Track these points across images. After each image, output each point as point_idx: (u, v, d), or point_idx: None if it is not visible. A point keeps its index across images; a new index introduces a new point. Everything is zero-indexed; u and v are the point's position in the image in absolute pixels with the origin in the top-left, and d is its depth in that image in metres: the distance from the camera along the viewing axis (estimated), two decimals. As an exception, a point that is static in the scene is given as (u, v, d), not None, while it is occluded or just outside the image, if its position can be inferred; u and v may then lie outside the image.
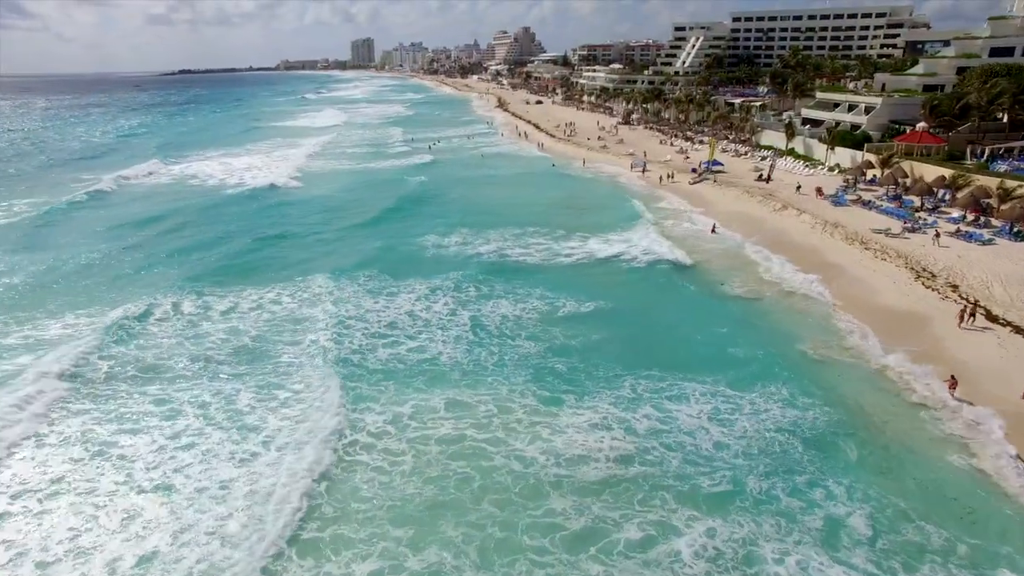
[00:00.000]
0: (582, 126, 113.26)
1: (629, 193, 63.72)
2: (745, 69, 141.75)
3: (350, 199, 64.84)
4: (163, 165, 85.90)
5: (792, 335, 31.56)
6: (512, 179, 72.45)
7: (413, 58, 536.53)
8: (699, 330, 32.76)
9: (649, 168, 72.31)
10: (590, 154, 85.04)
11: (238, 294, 37.57)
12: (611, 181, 69.99)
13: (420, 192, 66.68)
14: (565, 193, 64.49)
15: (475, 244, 46.74)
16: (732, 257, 42.48)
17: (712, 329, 32.71)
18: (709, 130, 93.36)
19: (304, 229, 52.90)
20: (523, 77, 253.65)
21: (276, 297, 37.24)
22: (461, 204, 60.86)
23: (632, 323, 33.71)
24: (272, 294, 37.65)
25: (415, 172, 78.51)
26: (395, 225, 53.49)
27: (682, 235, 47.96)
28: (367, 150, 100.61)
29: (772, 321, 33.44)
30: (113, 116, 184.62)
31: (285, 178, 74.46)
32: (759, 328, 32.75)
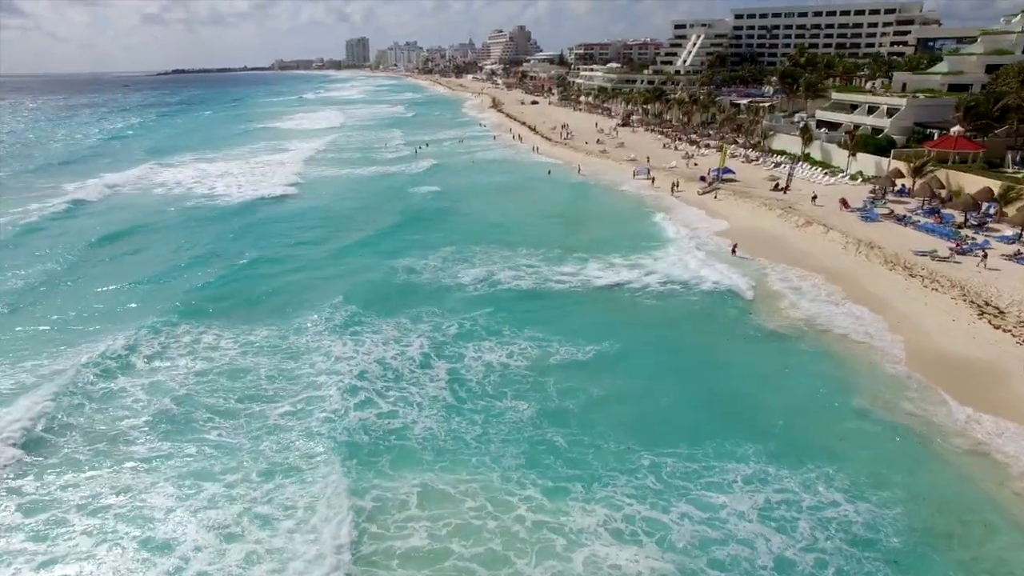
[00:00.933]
0: (579, 128, 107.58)
1: (637, 204, 58.13)
2: (749, 68, 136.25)
3: (341, 213, 58.23)
4: (148, 171, 79.84)
5: (839, 386, 26.03)
6: (505, 188, 66.63)
7: (408, 57, 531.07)
8: (727, 379, 27.26)
9: (653, 175, 66.73)
10: (589, 159, 79.38)
11: (217, 335, 31.88)
12: (613, 191, 64.26)
13: (405, 207, 60.89)
14: (562, 205, 58.83)
15: (458, 268, 40.95)
16: (757, 284, 36.83)
17: (743, 378, 27.22)
18: (716, 133, 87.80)
19: (288, 251, 46.50)
20: (518, 77, 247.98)
21: (243, 342, 31.43)
22: (445, 218, 55.08)
23: (641, 372, 28.04)
24: (249, 337, 31.80)
25: (402, 181, 72.83)
26: (369, 247, 47.67)
27: (701, 258, 42.27)
28: (361, 155, 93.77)
29: (813, 367, 27.85)
30: (100, 117, 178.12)
31: (282, 186, 68.85)
32: (799, 376, 27.22)
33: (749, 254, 41.65)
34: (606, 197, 61.68)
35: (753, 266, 39.69)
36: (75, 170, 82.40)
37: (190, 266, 42.97)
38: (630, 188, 63.84)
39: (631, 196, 61.37)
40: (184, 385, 26.95)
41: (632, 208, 56.80)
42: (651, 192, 61.55)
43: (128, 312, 35.20)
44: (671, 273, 38.91)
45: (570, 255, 43.14)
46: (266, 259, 44.30)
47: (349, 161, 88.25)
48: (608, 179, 68.60)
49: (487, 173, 74.97)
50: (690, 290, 36.69)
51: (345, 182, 73.77)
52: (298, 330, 32.26)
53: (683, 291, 36.64)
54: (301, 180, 73.37)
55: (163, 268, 42.62)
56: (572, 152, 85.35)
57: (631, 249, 43.98)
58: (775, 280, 37.22)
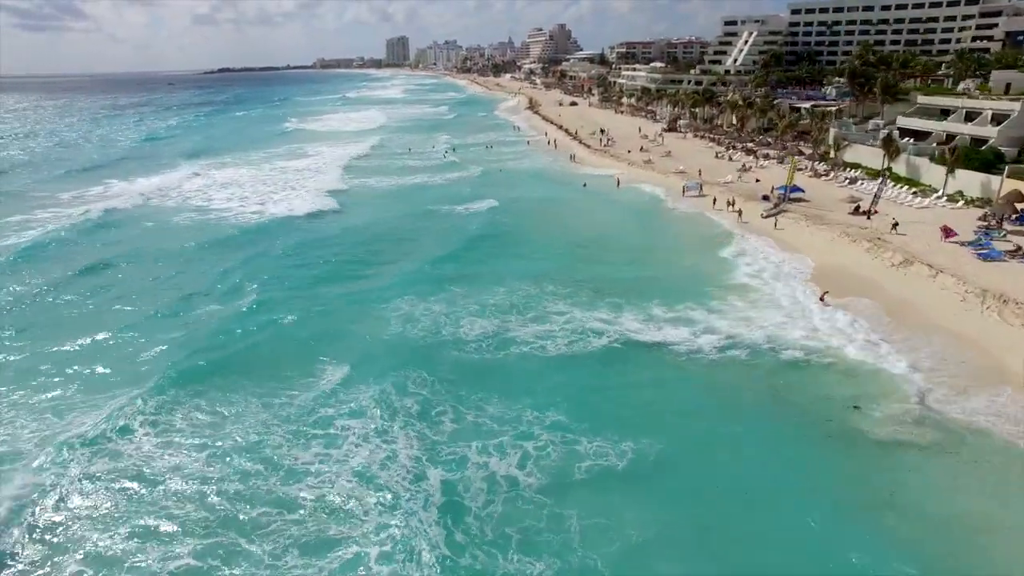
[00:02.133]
0: (621, 132, 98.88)
1: (688, 230, 49.52)
2: (807, 67, 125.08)
3: (365, 238, 49.28)
4: (173, 180, 73.91)
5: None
6: (534, 205, 58.45)
7: (447, 56, 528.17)
8: (832, 525, 18.80)
9: (706, 192, 57.93)
10: (631, 171, 70.80)
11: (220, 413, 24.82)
12: (659, 210, 55.66)
13: (414, 230, 53.53)
14: (598, 227, 50.51)
15: (464, 315, 33.20)
16: (856, 356, 28.08)
17: (859, 523, 18.78)
18: (777, 142, 78.10)
19: (300, 293, 37.21)
20: (557, 76, 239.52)
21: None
22: (455, 241, 47.16)
23: (698, 499, 19.95)
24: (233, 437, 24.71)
25: (421, 195, 65.58)
26: (357, 282, 40.31)
27: (781, 309, 33.49)
28: (396, 163, 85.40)
29: (964, 503, 19.31)
30: (142, 118, 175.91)
31: (312, 201, 61.04)
32: (947, 520, 18.68)
33: (842, 304, 32.82)
34: (652, 218, 53.09)
35: (847, 323, 30.85)
36: (97, 177, 77.59)
37: (184, 310, 35.02)
38: (680, 208, 55.07)
39: (680, 218, 52.67)
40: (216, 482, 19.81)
41: (683, 234, 48.17)
42: (704, 213, 52.75)
43: (101, 382, 27.88)
44: (738, 333, 30.34)
45: (605, 298, 34.93)
46: (277, 302, 35.47)
47: (383, 170, 79.96)
48: (653, 195, 59.98)
49: (516, 185, 67.00)
50: (768, 358, 28.16)
51: (376, 195, 66.07)
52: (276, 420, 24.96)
53: (757, 359, 28.14)
54: (336, 192, 65.50)
55: (155, 312, 34.55)
56: (613, 161, 76.83)
57: (682, 293, 35.45)
58: (885, 352, 28.17)
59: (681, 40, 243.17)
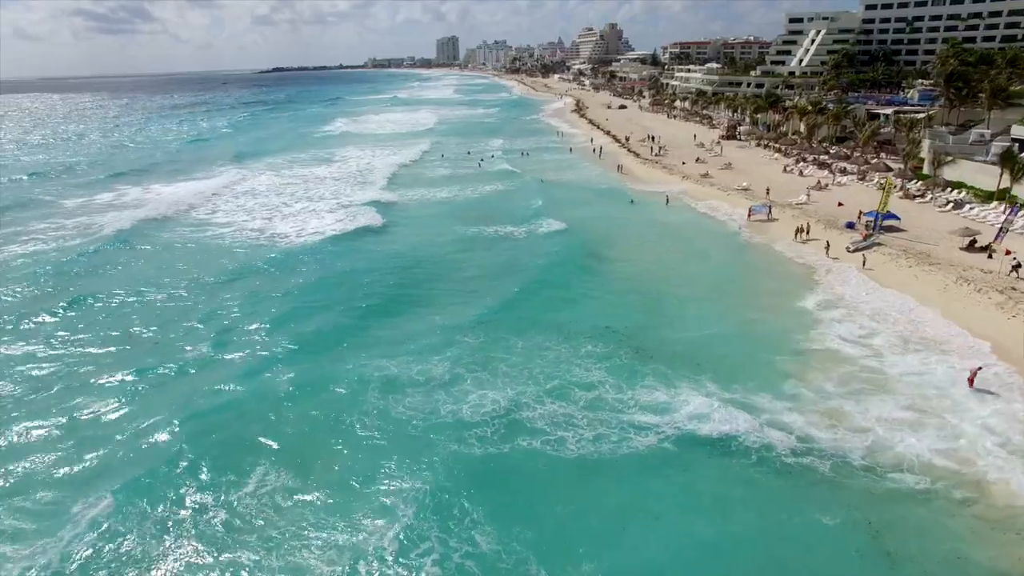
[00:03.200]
0: (674, 139, 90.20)
1: (760, 265, 41.04)
2: (883, 68, 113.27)
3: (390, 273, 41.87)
4: (215, 186, 69.76)
5: None
6: (570, 227, 49.94)
7: (496, 57, 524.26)
8: None
9: (776, 215, 49.23)
10: (686, 186, 62.31)
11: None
12: (719, 237, 47.02)
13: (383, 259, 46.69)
14: (646, 260, 42.33)
15: (469, 385, 25.84)
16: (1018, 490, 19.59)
17: None
18: (857, 155, 68.16)
19: (312, 366, 28.20)
20: (607, 77, 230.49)
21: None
22: (465, 280, 39.60)
23: None
24: None
25: (450, 213, 58.73)
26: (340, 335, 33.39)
27: (903, 399, 24.67)
28: (443, 172, 77.85)
29: None
30: (195, 117, 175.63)
31: (362, 216, 54.81)
32: None
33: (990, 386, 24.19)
34: (709, 249, 44.44)
35: (1008, 427, 22.20)
36: (134, 180, 74.96)
37: (178, 375, 28.12)
38: (745, 235, 46.49)
39: (746, 249, 44.12)
40: None
41: (750, 273, 39.62)
42: (775, 244, 44.10)
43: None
44: (821, 436, 22.09)
45: (647, 363, 27.17)
46: (280, 372, 27.73)
47: (425, 181, 72.72)
48: (713, 218, 51.52)
49: (552, 201, 59.02)
50: (867, 481, 19.95)
51: (415, 212, 58.55)
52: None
53: (849, 478, 19.96)
54: (378, 206, 58.87)
55: (138, 377, 28.06)
56: (665, 174, 68.41)
57: (748, 363, 27.25)
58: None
59: (738, 40, 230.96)
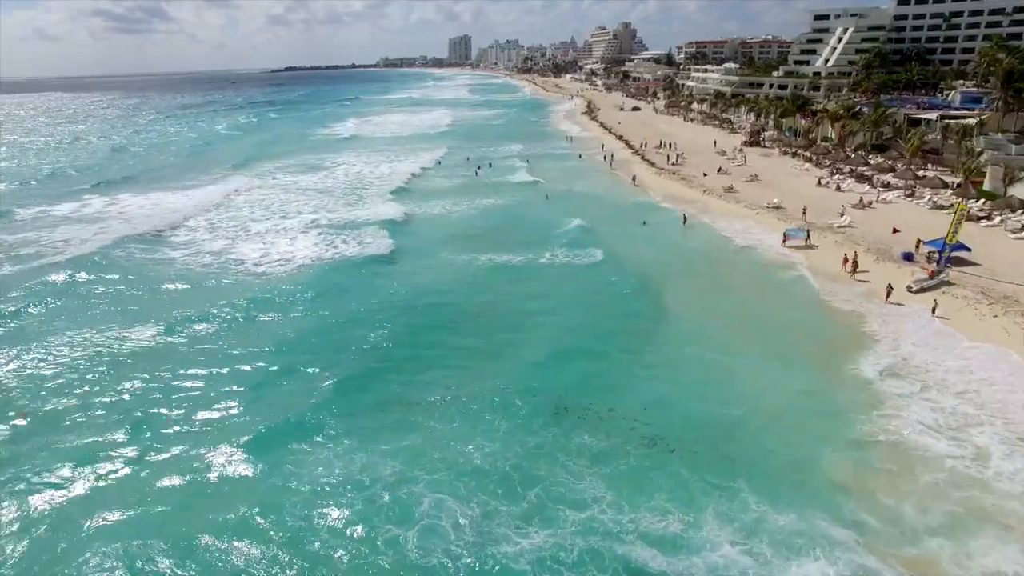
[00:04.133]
0: (692, 145, 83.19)
1: (803, 318, 34.00)
2: (918, 69, 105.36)
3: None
4: (206, 201, 62.68)
5: None
6: (570, 258, 43.24)
7: (508, 56, 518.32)
8: None
9: (814, 242, 42.24)
10: (707, 201, 55.38)
11: None
12: (750, 270, 39.84)
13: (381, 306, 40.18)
14: (661, 299, 35.57)
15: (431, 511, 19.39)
16: None
17: None
18: (903, 167, 60.74)
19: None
20: (620, 77, 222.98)
21: None
22: (436, 334, 32.37)
23: None
24: None
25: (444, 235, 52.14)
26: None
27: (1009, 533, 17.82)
28: (450, 183, 70.24)
29: None
30: (204, 118, 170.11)
31: (367, 240, 47.49)
32: None
33: None
34: (736, 286, 37.01)
35: None
36: (112, 190, 69.01)
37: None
38: (781, 267, 39.45)
39: (782, 287, 36.90)
40: None
41: (787, 320, 32.52)
42: (815, 279, 37.09)
43: None
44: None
45: (663, 463, 20.48)
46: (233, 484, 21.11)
47: (429, 193, 65.39)
48: (738, 243, 44.48)
49: (553, 221, 51.97)
50: None
51: (424, 233, 50.93)
52: None
53: None
54: (388, 226, 51.39)
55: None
56: (683, 186, 61.46)
57: (791, 462, 20.45)
58: None
59: (756, 39, 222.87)
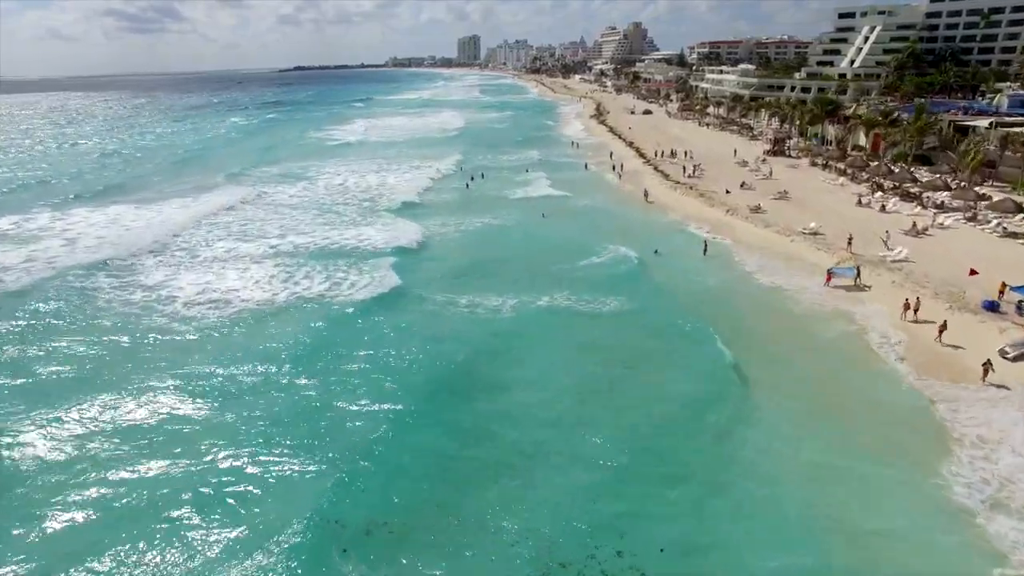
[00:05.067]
0: (710, 153, 75.74)
1: (853, 389, 26.48)
2: (954, 71, 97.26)
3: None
4: (189, 217, 55.06)
5: None
6: (570, 305, 35.81)
7: (516, 56, 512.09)
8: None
9: (867, 281, 34.79)
10: (731, 223, 47.89)
11: None
12: (792, 323, 32.17)
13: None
14: (670, 383, 28.26)
15: None
16: None
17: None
18: (962, 184, 52.96)
19: None
20: (630, 78, 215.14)
21: None
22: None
23: None
24: None
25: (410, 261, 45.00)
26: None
27: None
28: (461, 197, 63.12)
29: None
30: (206, 120, 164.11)
31: (363, 283, 38.20)
32: None
33: None
34: (775, 350, 29.39)
35: None
36: (101, 203, 61.61)
37: None
38: (831, 321, 31.76)
39: (834, 351, 29.33)
40: None
41: (847, 405, 24.95)
42: (872, 331, 29.61)
43: None
44: None
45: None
46: None
47: (431, 210, 57.87)
48: (772, 282, 36.80)
49: (551, 252, 44.81)
50: None
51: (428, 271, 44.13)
52: None
53: None
54: (390, 258, 42.80)
55: None
56: (703, 206, 53.91)
57: None
58: None
59: (771, 39, 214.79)
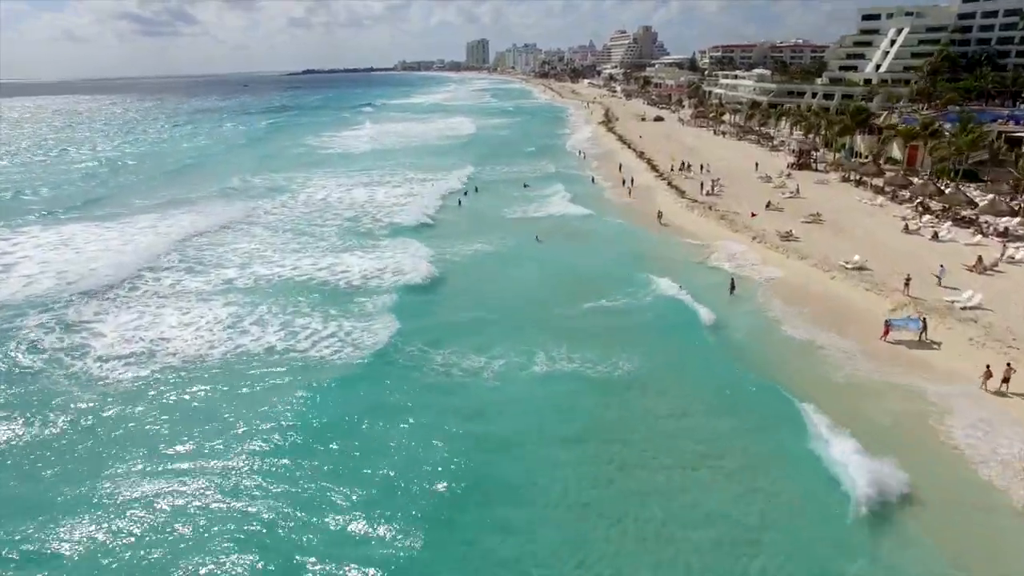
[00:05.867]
0: (728, 166, 69.01)
1: (930, 490, 19.68)
2: (991, 75, 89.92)
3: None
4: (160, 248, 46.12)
5: None
6: (584, 369, 28.75)
7: (525, 60, 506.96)
8: None
9: (935, 337, 27.95)
10: (765, 254, 41.04)
11: None
12: (843, 386, 25.28)
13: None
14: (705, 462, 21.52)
15: None
16: None
17: None
18: (1019, 203, 45.94)
19: None
20: (640, 83, 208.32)
21: None
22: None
23: None
24: None
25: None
26: None
27: None
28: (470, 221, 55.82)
29: None
30: (208, 124, 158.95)
31: (346, 349, 29.18)
32: None
33: None
34: (826, 420, 23.26)
35: None
36: (52, 222, 55.46)
37: None
38: (902, 399, 24.87)
39: (915, 445, 22.76)
40: None
41: (929, 518, 18.46)
42: (951, 415, 22.86)
43: None
44: None
45: None
46: None
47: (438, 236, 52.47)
48: (812, 338, 29.87)
49: (547, 289, 38.25)
50: None
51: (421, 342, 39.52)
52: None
53: None
54: (390, 312, 33.85)
55: None
56: (725, 228, 47.01)
57: None
58: None
59: (786, 43, 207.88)
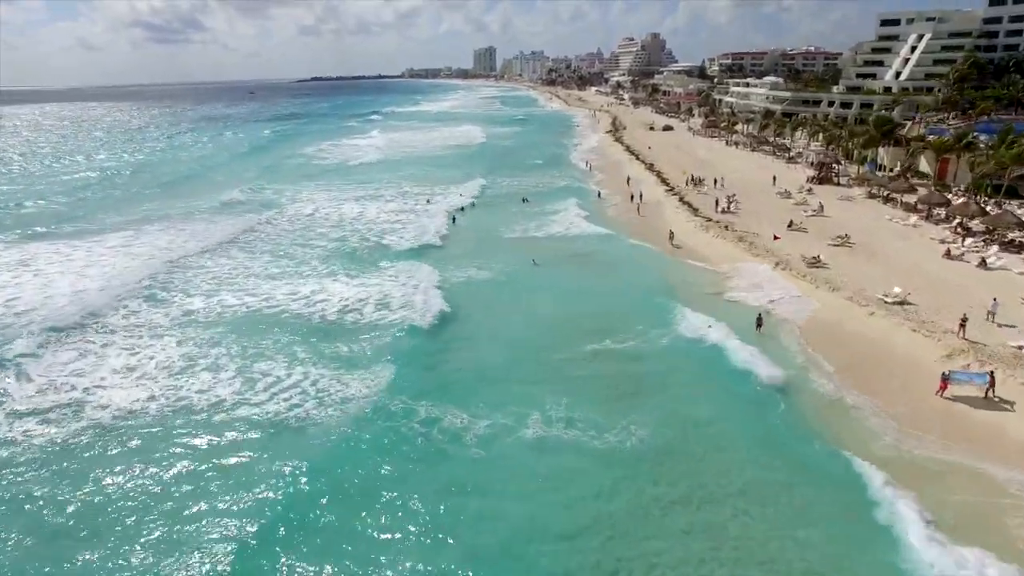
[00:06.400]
0: (743, 179, 64.43)
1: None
2: (1022, 83, 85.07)
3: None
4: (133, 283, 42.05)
5: None
6: (584, 439, 24.89)
7: (532, 67, 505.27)
8: None
9: (1003, 396, 23.34)
10: (790, 282, 36.51)
11: None
12: (896, 460, 21.13)
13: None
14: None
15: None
16: None
17: None
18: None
19: None
20: (648, 91, 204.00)
21: None
22: None
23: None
24: None
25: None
26: None
27: None
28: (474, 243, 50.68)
29: None
30: (213, 133, 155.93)
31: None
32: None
33: None
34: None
35: None
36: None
37: None
38: (957, 480, 20.42)
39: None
40: None
41: None
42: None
43: None
44: None
45: None
46: None
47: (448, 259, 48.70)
48: (855, 404, 25.29)
49: (541, 327, 34.06)
50: None
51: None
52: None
53: None
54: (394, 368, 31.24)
55: None
56: (744, 251, 42.42)
57: None
58: None
59: (798, 50, 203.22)
